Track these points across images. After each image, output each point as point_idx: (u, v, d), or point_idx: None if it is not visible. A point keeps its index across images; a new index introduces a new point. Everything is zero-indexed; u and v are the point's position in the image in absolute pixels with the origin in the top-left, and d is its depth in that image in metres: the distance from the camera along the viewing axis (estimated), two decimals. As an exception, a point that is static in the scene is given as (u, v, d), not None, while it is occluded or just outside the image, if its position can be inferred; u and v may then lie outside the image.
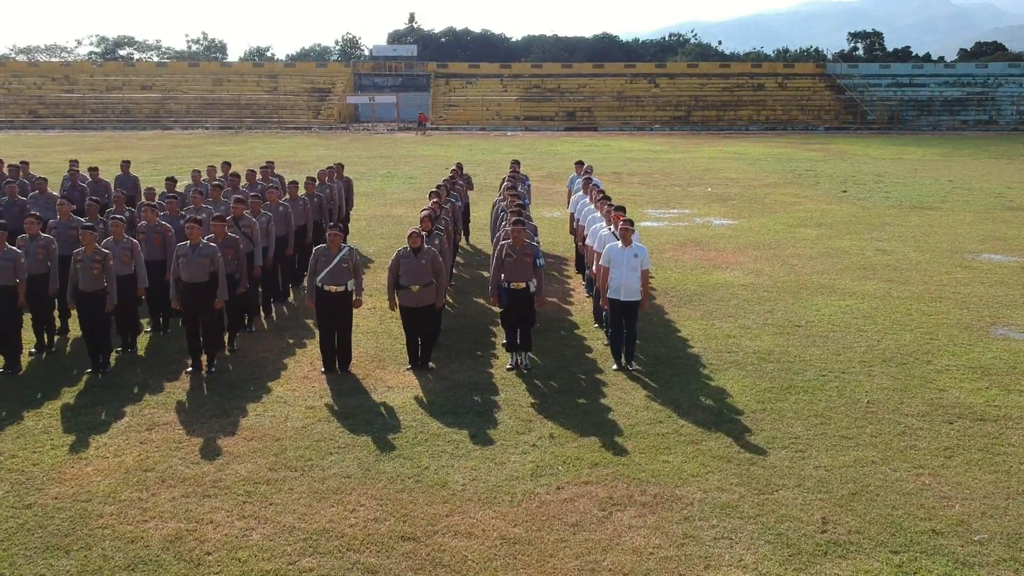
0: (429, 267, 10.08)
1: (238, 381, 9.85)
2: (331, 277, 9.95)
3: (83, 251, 9.97)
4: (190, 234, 10.02)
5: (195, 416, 8.76)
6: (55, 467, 7.59)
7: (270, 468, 7.57)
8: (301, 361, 10.58)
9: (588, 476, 7.42)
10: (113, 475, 7.43)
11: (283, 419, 8.68)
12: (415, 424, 8.56)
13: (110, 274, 10.00)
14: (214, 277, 10.04)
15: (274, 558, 6.16)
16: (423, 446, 8.04)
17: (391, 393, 9.46)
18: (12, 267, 9.93)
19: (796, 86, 77.21)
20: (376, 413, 8.87)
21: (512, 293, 10.08)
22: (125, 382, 9.80)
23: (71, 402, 9.16)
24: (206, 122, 69.01)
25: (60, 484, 7.27)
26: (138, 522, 6.65)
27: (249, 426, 8.50)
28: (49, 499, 7.01)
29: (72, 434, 8.30)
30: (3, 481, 7.32)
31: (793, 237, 18.96)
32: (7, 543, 6.36)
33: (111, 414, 8.81)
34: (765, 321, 12.21)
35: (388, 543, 6.36)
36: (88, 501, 6.97)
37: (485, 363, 10.52)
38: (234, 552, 6.23)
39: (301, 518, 6.71)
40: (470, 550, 6.26)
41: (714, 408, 8.97)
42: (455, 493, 7.12)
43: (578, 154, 40.71)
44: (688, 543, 6.36)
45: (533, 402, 9.16)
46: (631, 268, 10.03)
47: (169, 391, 9.49)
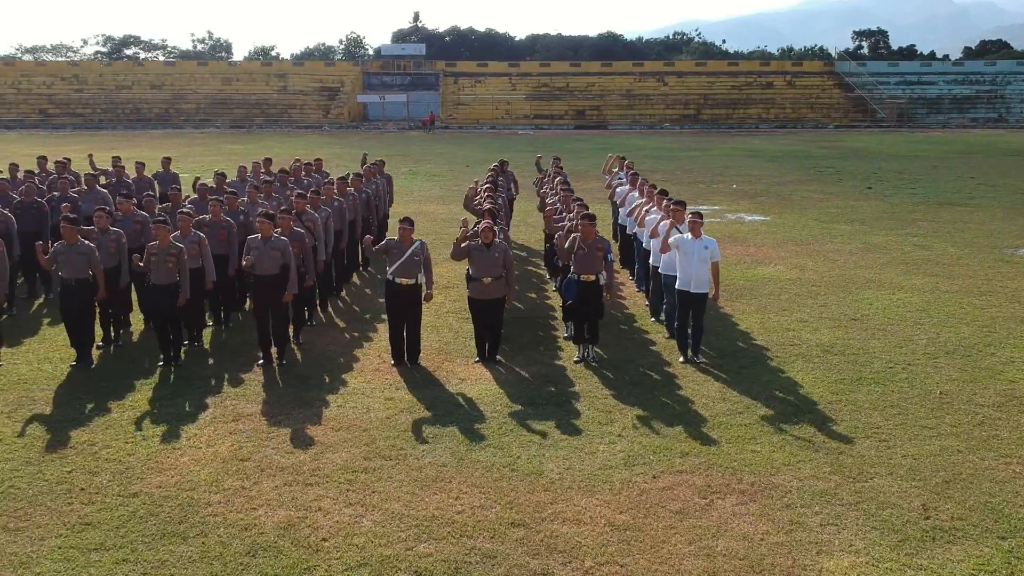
0: (501, 260, 10.15)
1: (310, 373, 9.92)
2: (402, 270, 10.03)
3: (157, 245, 10.04)
4: (261, 228, 10.09)
5: (277, 407, 8.84)
6: (151, 457, 7.66)
7: (365, 457, 7.64)
8: (368, 354, 10.66)
9: (681, 465, 7.49)
10: (211, 464, 7.51)
11: (365, 410, 8.76)
12: (497, 415, 8.63)
13: (184, 268, 10.08)
14: (285, 270, 10.12)
15: (390, 544, 6.23)
16: (510, 436, 8.12)
17: (465, 385, 9.53)
18: (86, 260, 10.01)
19: (805, 84, 77.26)
20: (456, 404, 8.95)
21: (582, 286, 10.16)
22: (199, 374, 9.88)
23: (151, 394, 9.24)
24: (216, 121, 69.09)
25: (160, 473, 7.35)
26: (247, 510, 6.73)
27: (334, 416, 8.58)
28: (153, 488, 7.09)
29: (161, 425, 8.38)
30: (103, 471, 7.39)
31: (828, 233, 19.03)
32: (123, 530, 6.43)
33: (194, 405, 8.89)
34: (820, 315, 12.29)
35: (499, 529, 6.43)
36: (192, 490, 7.05)
37: (550, 356, 10.60)
38: (349, 538, 6.31)
39: (407, 505, 6.79)
40: (581, 536, 6.34)
41: (790, 399, 9.05)
42: (553, 481, 7.19)
43: (595, 152, 40.79)
44: (795, 529, 6.44)
45: (609, 394, 9.23)
46: (701, 260, 10.11)
47: (246, 383, 9.56)
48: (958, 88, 75.57)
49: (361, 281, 14.76)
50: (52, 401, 9.03)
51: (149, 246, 10.17)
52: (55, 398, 9.12)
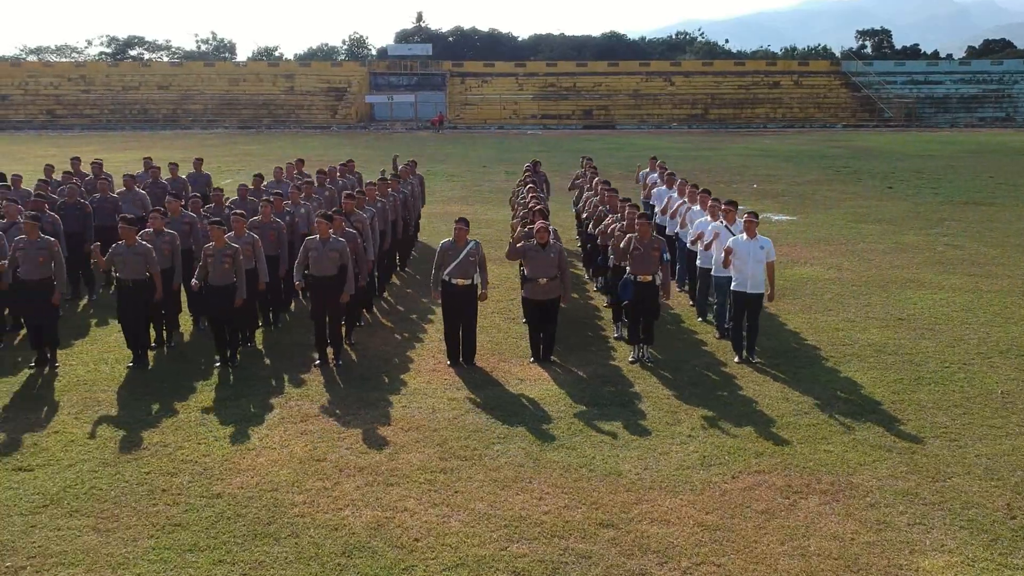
0: (556, 261, 10.16)
1: (368, 374, 9.94)
2: (458, 270, 10.05)
3: (213, 246, 10.06)
4: (319, 229, 10.11)
5: (343, 407, 8.85)
6: (227, 458, 7.68)
7: (440, 457, 7.66)
8: (422, 354, 10.68)
9: (758, 466, 7.51)
10: (288, 465, 7.52)
11: (431, 410, 8.78)
12: (562, 415, 8.65)
13: (240, 269, 10.10)
14: (343, 271, 10.14)
15: (483, 544, 6.25)
16: (580, 436, 8.13)
17: (525, 385, 9.55)
18: (143, 261, 10.03)
19: (811, 84, 77.27)
20: (520, 404, 8.97)
21: (639, 286, 10.17)
22: (257, 375, 9.90)
23: (213, 395, 9.26)
24: (224, 122, 69.12)
25: (239, 474, 7.36)
26: (333, 510, 6.75)
27: (401, 417, 8.59)
28: (235, 489, 7.10)
29: (229, 426, 8.40)
30: (182, 472, 7.41)
31: (857, 233, 19.05)
32: (213, 531, 6.45)
33: (259, 406, 8.91)
34: (866, 315, 12.30)
35: (589, 530, 6.45)
36: (275, 490, 7.07)
37: (603, 356, 10.62)
38: (441, 538, 6.32)
39: (492, 506, 6.81)
40: (672, 536, 6.36)
41: (852, 399, 9.07)
42: (633, 482, 7.21)
43: (607, 151, 40.85)
44: (884, 529, 6.45)
45: (670, 394, 9.25)
46: (757, 260, 10.12)
47: (307, 384, 9.58)
48: (965, 87, 75.60)
49: (401, 281, 14.76)
50: (116, 402, 9.05)
51: (205, 247, 10.18)
52: (118, 399, 9.14)
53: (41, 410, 8.82)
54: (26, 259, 9.88)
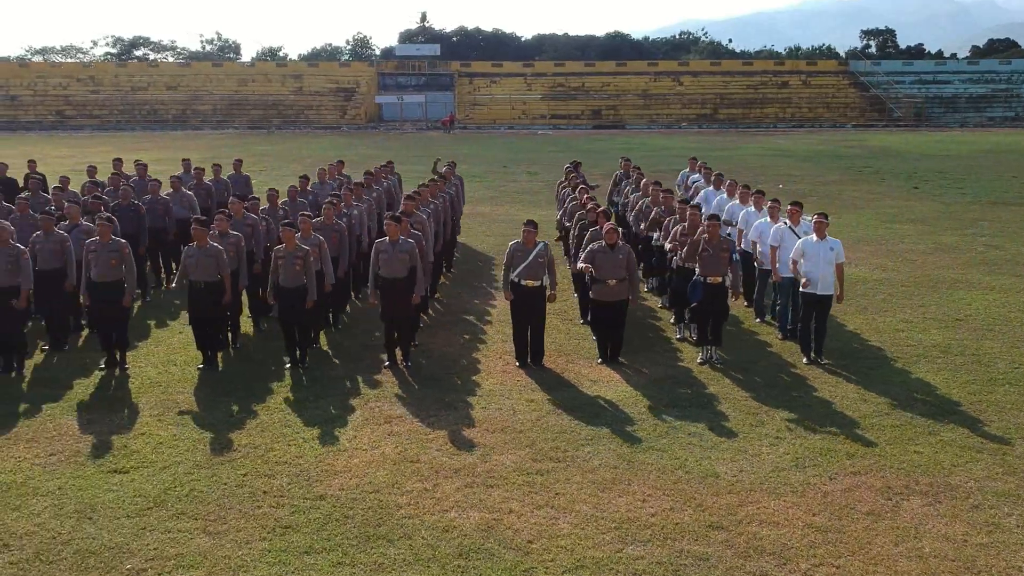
0: (625, 262, 10.17)
1: (439, 375, 9.95)
2: (528, 272, 10.06)
3: (284, 248, 10.07)
4: (389, 231, 10.12)
5: (423, 409, 8.86)
6: (321, 460, 7.69)
7: (533, 459, 7.67)
8: (489, 355, 10.69)
9: (852, 467, 7.52)
10: (383, 466, 7.54)
11: (511, 412, 8.79)
12: (644, 417, 8.66)
13: (310, 270, 10.11)
14: (413, 272, 10.15)
15: (597, 546, 6.26)
16: (667, 438, 8.14)
17: (598, 387, 9.56)
18: (215, 263, 10.04)
19: (820, 84, 77.27)
20: (599, 406, 8.98)
21: (709, 288, 10.18)
22: (329, 376, 9.91)
23: (291, 396, 9.27)
24: (234, 122, 69.12)
25: (337, 476, 7.37)
26: (438, 512, 6.76)
27: (483, 419, 8.60)
28: (336, 490, 7.11)
29: (314, 427, 8.41)
30: (279, 474, 7.42)
31: (894, 233, 19.06)
32: (324, 532, 6.46)
33: (339, 408, 8.92)
34: (923, 315, 12.32)
35: (700, 532, 6.46)
36: (376, 492, 7.08)
37: (670, 357, 10.63)
38: (553, 540, 6.34)
39: (596, 508, 6.82)
40: (785, 538, 6.37)
41: (930, 400, 9.08)
42: (732, 484, 7.22)
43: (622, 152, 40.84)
44: (995, 531, 6.46)
45: (747, 395, 9.26)
46: (827, 261, 10.14)
47: (382, 385, 9.59)
48: (974, 87, 75.60)
49: (449, 282, 14.77)
50: (195, 404, 9.06)
51: (276, 249, 10.20)
52: (197, 401, 9.15)
53: (122, 412, 8.84)
54: (98, 261, 9.89)
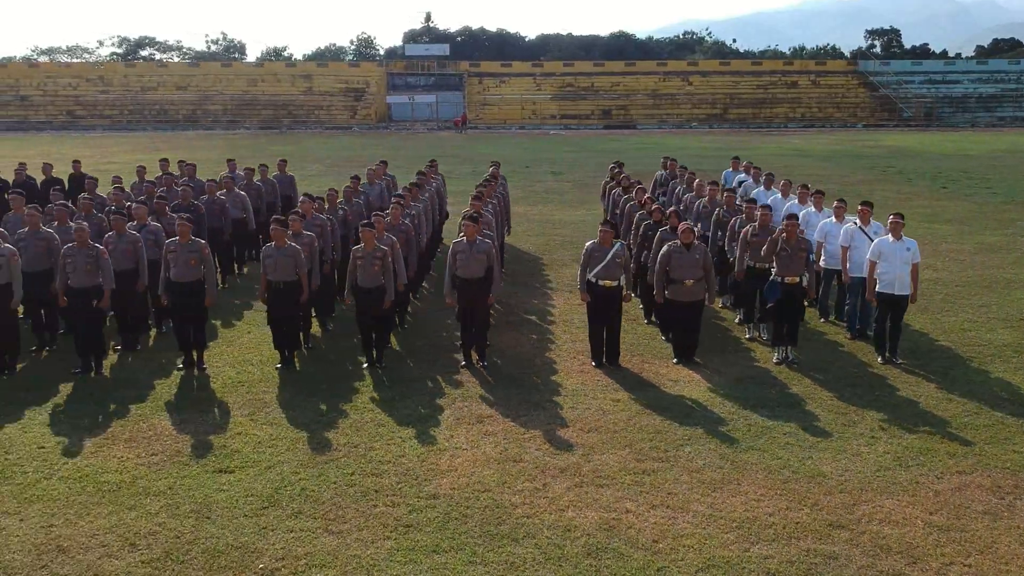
0: (701, 261, 10.19)
1: (518, 375, 9.96)
2: (605, 272, 10.07)
3: (362, 248, 10.09)
4: (467, 232, 10.13)
5: (511, 408, 8.87)
6: (423, 459, 7.70)
7: (636, 459, 7.69)
8: (562, 355, 10.70)
9: (956, 466, 7.54)
10: (488, 466, 7.55)
11: (600, 412, 8.81)
12: (734, 417, 8.68)
13: (388, 270, 10.13)
14: (490, 272, 10.17)
15: (723, 546, 6.28)
16: (764, 438, 8.16)
17: (680, 387, 9.58)
18: (293, 263, 10.06)
19: (829, 84, 77.31)
20: (687, 406, 8.99)
21: (786, 288, 10.20)
22: (409, 376, 9.91)
23: (377, 395, 9.29)
24: (245, 122, 69.14)
25: (444, 475, 7.39)
26: (555, 511, 6.78)
27: (575, 418, 8.62)
28: (448, 490, 7.13)
29: (407, 427, 8.42)
30: (385, 473, 7.43)
31: (934, 233, 19.07)
32: (446, 531, 6.48)
33: (428, 407, 8.94)
34: (987, 315, 12.34)
35: (822, 531, 6.48)
36: (487, 491, 7.09)
37: (744, 357, 10.64)
38: (677, 540, 6.36)
39: (711, 507, 6.84)
40: (908, 537, 6.39)
41: (1017, 400, 9.10)
42: (841, 483, 7.24)
43: (639, 153, 40.83)
44: (1116, 529, 6.49)
45: (832, 395, 9.27)
46: (903, 262, 10.16)
47: (464, 385, 9.61)
48: (983, 87, 75.66)
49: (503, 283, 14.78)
50: (282, 403, 9.07)
51: (354, 249, 10.22)
52: (282, 400, 9.16)
53: (212, 412, 8.85)
54: (178, 261, 9.90)
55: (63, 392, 9.39)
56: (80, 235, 9.83)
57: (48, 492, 7.10)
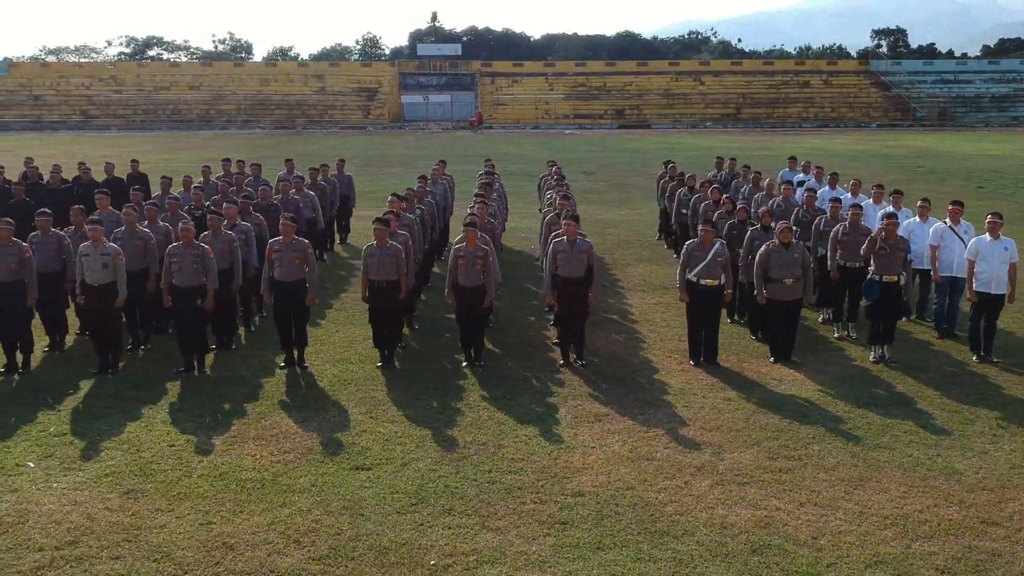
0: (800, 260, 10.24)
1: (619, 373, 10.01)
2: (707, 271, 10.12)
3: (464, 247, 10.14)
4: (568, 231, 10.18)
5: (626, 407, 8.91)
6: (555, 457, 7.75)
7: (768, 457, 7.73)
8: (657, 353, 10.75)
9: (1089, 463, 7.59)
10: (623, 464, 7.60)
11: (715, 411, 8.84)
12: (853, 416, 8.71)
13: (488, 270, 10.18)
14: (590, 272, 10.21)
15: (884, 543, 6.32)
16: (886, 436, 8.20)
17: (786, 386, 9.62)
18: (395, 262, 10.10)
19: (841, 84, 77.41)
20: (799, 404, 9.04)
21: (884, 286, 10.25)
22: (511, 375, 9.94)
23: (486, 393, 9.34)
24: (260, 122, 69.17)
25: (582, 473, 7.43)
26: (706, 508, 6.82)
27: (694, 417, 8.66)
28: (592, 487, 7.17)
29: (528, 425, 8.46)
30: (522, 471, 7.48)
31: (985, 232, 19.09)
32: (604, 528, 6.51)
33: (540, 405, 8.99)
34: (1068, 314, 12.39)
35: (977, 528, 6.52)
36: (631, 489, 7.14)
37: (840, 356, 10.69)
38: (837, 537, 6.40)
39: (859, 504, 6.88)
40: (1065, 534, 6.44)
41: (1126, 398, 9.16)
42: (979, 480, 7.29)
43: (662, 152, 40.89)
44: None
45: (938, 393, 9.32)
46: (1001, 261, 10.21)
47: (569, 384, 9.65)
48: (995, 87, 75.76)
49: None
50: (395, 401, 9.11)
51: (456, 248, 10.26)
52: (394, 398, 9.21)
53: (328, 409, 8.90)
54: (282, 260, 9.95)
55: (173, 391, 9.44)
56: (186, 234, 9.88)
57: (193, 490, 7.14)
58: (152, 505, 6.88)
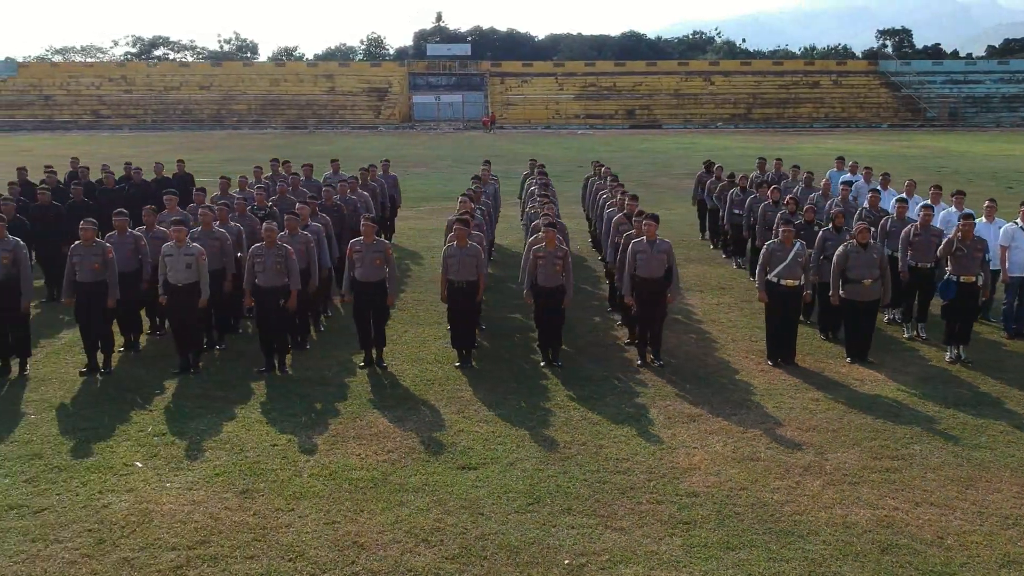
0: (879, 261, 10.27)
1: (701, 374, 10.02)
2: (787, 271, 10.15)
3: (544, 247, 10.16)
4: (648, 231, 10.20)
5: (716, 407, 8.93)
6: (660, 457, 7.77)
7: (872, 457, 7.76)
8: (732, 354, 10.78)
9: None
10: (730, 464, 7.61)
11: (807, 411, 8.86)
12: (944, 416, 8.72)
13: (568, 270, 10.20)
14: (669, 273, 10.24)
15: (1011, 542, 6.33)
16: (984, 436, 8.22)
17: (869, 386, 9.64)
18: (474, 263, 10.13)
19: (851, 84, 77.53)
20: (889, 405, 9.05)
21: (962, 287, 10.28)
22: (591, 375, 9.95)
23: (572, 393, 9.35)
24: (271, 122, 69.23)
25: (691, 473, 7.44)
26: (824, 508, 6.83)
27: (787, 418, 8.68)
28: (705, 488, 7.19)
29: (623, 425, 8.48)
30: (630, 471, 7.48)
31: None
32: (728, 528, 6.53)
33: (629, 405, 9.01)
34: None
35: (1101, 527, 6.55)
36: (744, 489, 7.15)
37: (915, 356, 10.71)
38: (963, 537, 6.40)
39: (977, 504, 6.88)
40: None
41: None
42: (1089, 480, 7.31)
43: (682, 153, 40.92)
44: None
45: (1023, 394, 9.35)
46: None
47: (652, 384, 9.66)
48: (1005, 87, 75.86)
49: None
50: (483, 401, 9.13)
51: (535, 249, 10.28)
52: (481, 397, 9.23)
53: (419, 409, 8.92)
54: (363, 261, 9.97)
55: (259, 391, 9.46)
56: (270, 235, 9.90)
57: (308, 489, 7.16)
58: (271, 505, 6.90)
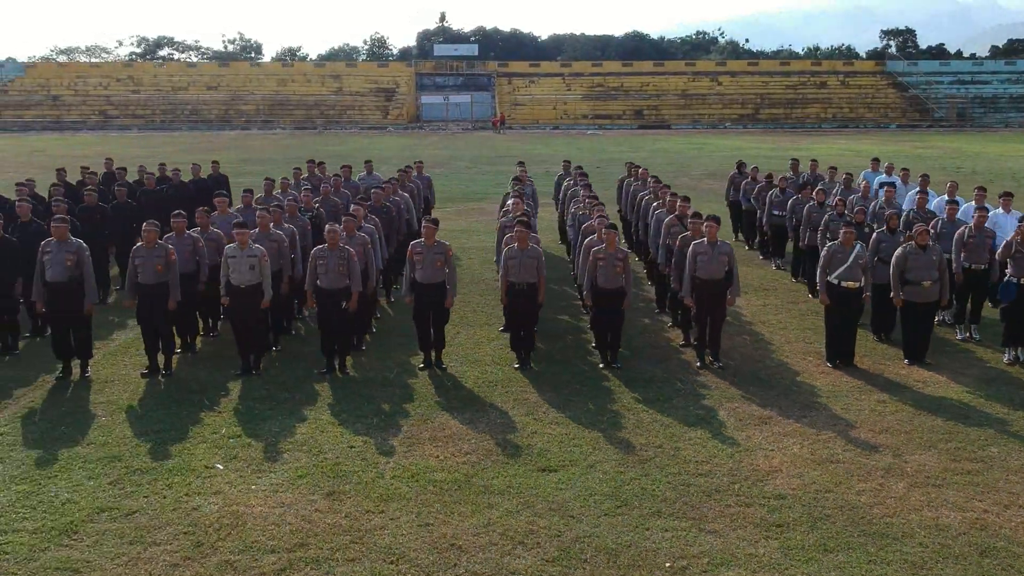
0: (937, 263, 10.28)
1: (761, 376, 10.03)
2: (848, 273, 10.16)
3: (604, 248, 10.17)
4: (709, 233, 10.21)
5: (784, 409, 8.94)
6: (739, 460, 7.77)
7: (951, 459, 7.77)
8: (789, 356, 10.78)
9: None
10: (811, 466, 7.62)
11: (875, 413, 8.87)
12: (1015, 418, 8.71)
13: (628, 272, 10.23)
14: (730, 274, 10.25)
15: (1107, 544, 6.36)
16: (1054, 438, 8.25)
17: (932, 388, 9.65)
18: (535, 264, 10.15)
19: (858, 84, 77.54)
20: (957, 407, 9.04)
21: (1022, 288, 10.28)
22: (653, 376, 9.96)
23: (638, 396, 9.35)
24: (280, 122, 69.22)
25: (774, 475, 7.45)
26: (913, 511, 6.84)
27: (856, 420, 8.69)
28: (789, 490, 7.19)
29: (692, 427, 8.50)
30: (711, 474, 7.50)
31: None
32: (821, 531, 6.53)
33: (696, 407, 9.02)
34: None
35: None
36: (829, 492, 7.16)
37: (971, 358, 10.71)
38: (1057, 539, 6.43)
39: (1063, 506, 6.92)
40: None
41: None
42: None
43: (691, 151, 40.91)
44: None
45: (1087, 395, 9.37)
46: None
47: (714, 386, 9.67)
48: (1013, 87, 75.89)
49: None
50: (550, 402, 9.14)
51: (594, 251, 10.29)
52: (547, 399, 9.24)
53: (487, 410, 8.93)
54: (424, 263, 9.98)
55: (324, 392, 9.46)
56: (332, 236, 9.91)
57: (393, 491, 7.17)
58: (360, 507, 6.91)
